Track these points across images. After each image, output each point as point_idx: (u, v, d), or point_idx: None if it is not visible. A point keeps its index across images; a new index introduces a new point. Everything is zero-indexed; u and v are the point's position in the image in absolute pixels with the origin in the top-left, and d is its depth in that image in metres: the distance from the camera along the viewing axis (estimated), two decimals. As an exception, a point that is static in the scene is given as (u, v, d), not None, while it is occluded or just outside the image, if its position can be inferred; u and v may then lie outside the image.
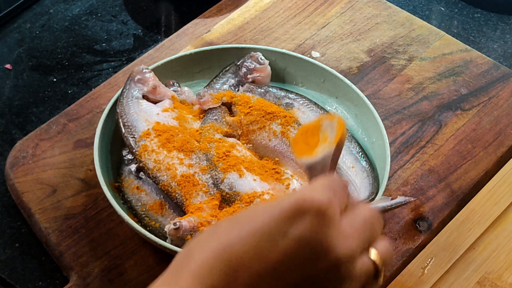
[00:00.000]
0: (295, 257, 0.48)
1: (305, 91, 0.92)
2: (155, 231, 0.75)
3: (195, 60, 0.92)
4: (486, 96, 0.95)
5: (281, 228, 0.49)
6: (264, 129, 0.82)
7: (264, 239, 0.49)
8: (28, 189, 0.84)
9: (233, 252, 0.48)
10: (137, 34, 1.08)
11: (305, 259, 0.49)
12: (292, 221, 0.49)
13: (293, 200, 0.50)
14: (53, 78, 1.02)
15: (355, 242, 0.51)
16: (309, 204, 0.49)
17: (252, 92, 0.87)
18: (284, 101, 0.87)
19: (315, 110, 0.86)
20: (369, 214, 0.54)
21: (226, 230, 0.50)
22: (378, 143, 0.83)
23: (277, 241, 0.48)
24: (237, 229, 0.49)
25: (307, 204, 0.49)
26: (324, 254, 0.49)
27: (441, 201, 0.83)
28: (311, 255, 0.49)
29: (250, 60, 0.90)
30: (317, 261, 0.49)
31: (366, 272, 0.52)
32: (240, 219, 0.51)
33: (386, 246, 0.55)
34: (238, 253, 0.48)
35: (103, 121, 0.82)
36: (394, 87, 0.95)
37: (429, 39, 1.01)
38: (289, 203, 0.49)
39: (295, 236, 0.48)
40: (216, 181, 0.77)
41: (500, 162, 0.88)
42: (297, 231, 0.49)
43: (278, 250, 0.48)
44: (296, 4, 1.07)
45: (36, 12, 1.11)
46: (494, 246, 0.79)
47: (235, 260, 0.48)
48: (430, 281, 0.76)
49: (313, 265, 0.49)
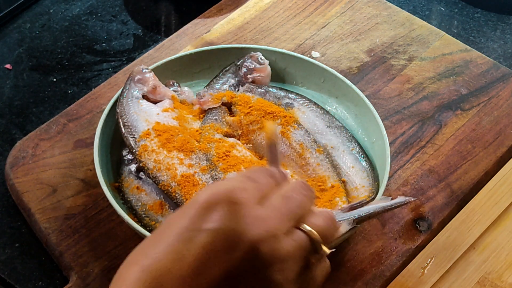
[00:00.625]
0: (212, 251, 0.46)
1: (305, 91, 0.92)
2: None
3: (195, 60, 0.92)
4: (486, 96, 0.95)
5: (196, 224, 0.47)
6: (264, 129, 0.82)
7: (181, 239, 0.47)
8: (28, 189, 0.84)
9: (157, 262, 0.46)
10: (137, 34, 1.08)
11: (221, 251, 0.46)
12: (206, 215, 0.47)
13: (206, 194, 0.48)
14: (53, 78, 1.02)
15: (274, 221, 0.49)
16: (221, 194, 0.48)
17: (252, 92, 0.87)
18: (284, 101, 0.87)
19: (315, 110, 0.86)
20: (291, 189, 0.52)
21: (151, 242, 0.48)
22: (378, 143, 0.83)
23: (192, 238, 0.46)
24: (160, 239, 0.48)
25: (219, 194, 0.48)
26: (237, 242, 0.47)
27: (441, 201, 0.83)
28: (226, 246, 0.46)
29: (250, 60, 0.90)
30: (233, 251, 0.47)
31: (299, 247, 0.50)
32: (163, 227, 0.49)
33: (323, 215, 0.53)
34: (161, 261, 0.46)
35: (103, 121, 0.82)
36: (394, 87, 0.95)
37: (429, 39, 1.01)
38: (203, 197, 0.48)
39: (209, 230, 0.46)
40: (216, 181, 0.77)
41: (500, 162, 0.88)
42: (211, 224, 0.47)
43: (195, 247, 0.46)
44: (296, 4, 1.07)
45: (36, 12, 1.11)
46: (494, 246, 0.79)
47: (159, 268, 0.46)
48: (430, 281, 0.76)
49: (230, 257, 0.47)
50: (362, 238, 0.74)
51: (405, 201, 0.70)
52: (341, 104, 0.90)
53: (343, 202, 0.76)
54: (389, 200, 0.71)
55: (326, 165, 0.79)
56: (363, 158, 0.81)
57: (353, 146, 0.83)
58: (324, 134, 0.84)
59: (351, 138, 0.84)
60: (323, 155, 0.80)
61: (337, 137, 0.83)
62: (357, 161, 0.81)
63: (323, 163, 0.79)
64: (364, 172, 0.80)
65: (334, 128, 0.84)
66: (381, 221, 0.81)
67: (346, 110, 0.90)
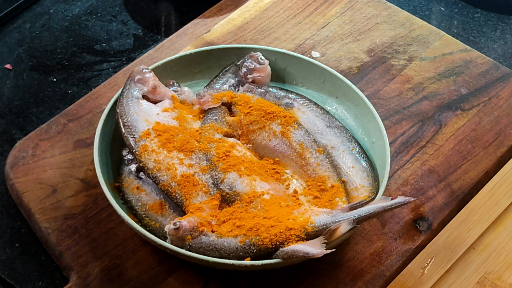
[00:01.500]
0: None
1: (305, 91, 0.92)
2: (155, 231, 0.75)
3: (195, 60, 0.92)
4: (486, 96, 0.95)
5: None
6: (264, 129, 0.82)
7: None
8: (28, 189, 0.84)
9: None
10: (137, 34, 1.08)
11: None
12: None
13: None
14: (53, 78, 1.02)
15: None
16: None
17: (252, 92, 0.87)
18: (284, 101, 0.87)
19: (315, 110, 0.86)
20: None
21: None
22: (378, 143, 0.83)
23: None
24: None
25: None
26: None
27: (441, 201, 0.83)
28: None
29: (250, 60, 0.90)
30: None
31: None
32: None
33: None
34: None
35: (103, 121, 0.82)
36: (394, 87, 0.95)
37: (429, 39, 1.01)
38: None
39: None
40: (216, 181, 0.77)
41: (500, 162, 0.88)
42: None
43: None
44: (296, 4, 1.07)
45: (36, 12, 1.11)
46: (494, 246, 0.79)
47: None
48: (430, 281, 0.76)
49: None
50: (362, 238, 0.74)
51: (405, 201, 0.70)
52: (341, 104, 0.90)
53: (343, 202, 0.76)
54: (389, 200, 0.71)
55: (326, 165, 0.79)
56: (363, 158, 0.81)
57: (353, 146, 0.83)
58: (324, 134, 0.84)
59: (351, 138, 0.84)
60: (323, 155, 0.80)
61: (337, 137, 0.83)
62: (357, 161, 0.81)
63: (323, 163, 0.79)
64: (364, 172, 0.80)
65: (334, 128, 0.84)
66: (381, 221, 0.81)
67: (346, 110, 0.90)
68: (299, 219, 0.72)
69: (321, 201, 0.76)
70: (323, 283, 0.75)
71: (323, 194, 0.77)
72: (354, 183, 0.79)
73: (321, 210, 0.73)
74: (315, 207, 0.75)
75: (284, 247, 0.69)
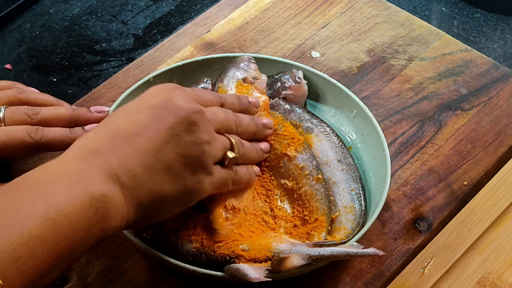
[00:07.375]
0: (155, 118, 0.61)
1: (336, 119, 0.89)
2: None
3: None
4: (486, 96, 0.95)
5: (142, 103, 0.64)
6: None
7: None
8: (28, 189, 0.83)
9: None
10: (137, 34, 1.08)
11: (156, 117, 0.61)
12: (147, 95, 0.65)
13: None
14: (53, 78, 1.02)
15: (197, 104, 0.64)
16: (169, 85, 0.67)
17: (277, 108, 0.84)
18: (306, 124, 0.83)
19: (332, 141, 0.82)
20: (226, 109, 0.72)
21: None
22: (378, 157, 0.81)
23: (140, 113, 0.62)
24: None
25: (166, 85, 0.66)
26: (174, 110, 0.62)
27: (441, 201, 0.83)
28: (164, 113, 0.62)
29: (288, 76, 0.86)
30: (170, 118, 0.61)
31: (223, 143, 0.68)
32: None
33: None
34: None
35: (103, 121, 0.82)
36: (394, 87, 0.95)
37: (429, 39, 1.01)
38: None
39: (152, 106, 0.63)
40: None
41: (500, 162, 0.88)
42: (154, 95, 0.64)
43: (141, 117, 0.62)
44: (296, 4, 1.07)
45: (36, 12, 1.11)
46: (494, 246, 0.79)
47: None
48: (430, 281, 0.76)
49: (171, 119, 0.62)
50: (362, 238, 0.73)
51: (373, 252, 0.67)
52: (363, 143, 0.86)
53: (319, 239, 0.73)
54: (360, 248, 0.68)
55: (320, 196, 0.76)
56: (358, 202, 0.77)
57: (355, 186, 0.78)
58: (331, 166, 0.80)
59: (357, 178, 0.79)
60: (319, 184, 0.76)
61: (343, 174, 0.79)
62: (352, 203, 0.77)
63: (317, 193, 0.76)
64: (353, 215, 0.76)
65: (344, 164, 0.80)
66: (381, 221, 0.81)
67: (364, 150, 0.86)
68: (262, 241, 0.70)
69: (298, 231, 0.74)
70: (323, 283, 0.76)
71: (304, 225, 0.75)
72: (340, 223, 0.76)
73: (287, 239, 0.72)
74: (286, 235, 0.74)
75: (234, 263, 0.69)
